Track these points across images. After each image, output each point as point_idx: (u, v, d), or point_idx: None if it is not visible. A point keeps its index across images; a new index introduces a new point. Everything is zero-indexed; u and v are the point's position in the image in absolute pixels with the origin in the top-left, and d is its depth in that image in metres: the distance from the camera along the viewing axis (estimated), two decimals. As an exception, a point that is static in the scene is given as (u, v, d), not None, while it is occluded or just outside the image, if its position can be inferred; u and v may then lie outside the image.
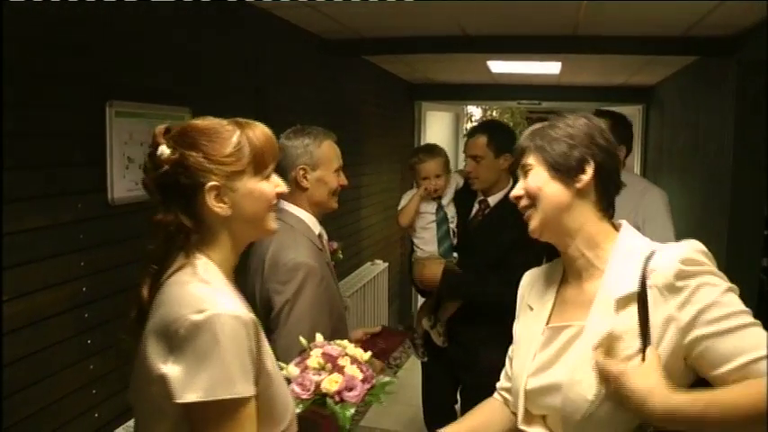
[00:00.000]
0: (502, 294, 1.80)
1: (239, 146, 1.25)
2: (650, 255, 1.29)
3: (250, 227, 1.30)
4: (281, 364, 1.41)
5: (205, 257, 1.23)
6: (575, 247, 1.40)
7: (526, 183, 1.42)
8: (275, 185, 1.31)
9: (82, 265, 2.04)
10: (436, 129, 6.75)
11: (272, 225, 1.33)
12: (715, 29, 3.25)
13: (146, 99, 2.30)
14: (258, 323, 1.17)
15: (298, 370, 1.47)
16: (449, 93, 6.42)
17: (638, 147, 6.10)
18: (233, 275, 1.30)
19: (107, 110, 2.10)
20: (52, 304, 1.94)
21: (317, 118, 3.61)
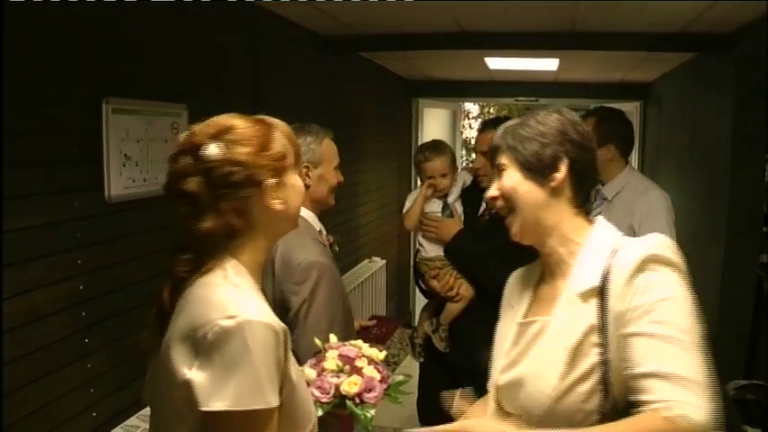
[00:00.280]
0: (502, 281, 1.78)
1: (283, 142, 1.24)
2: (617, 249, 1.29)
3: (289, 222, 1.29)
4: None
5: (235, 260, 1.19)
6: (550, 245, 1.40)
7: (500, 183, 1.41)
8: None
9: (79, 263, 2.03)
10: (433, 125, 6.74)
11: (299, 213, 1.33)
12: (713, 26, 3.25)
13: (143, 96, 2.29)
14: (288, 331, 1.14)
15: (314, 372, 1.46)
16: (446, 89, 6.40)
17: (635, 143, 6.10)
18: (260, 278, 1.27)
19: (104, 107, 2.09)
20: (49, 303, 1.92)
21: (314, 115, 3.59)
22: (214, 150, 1.16)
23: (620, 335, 1.22)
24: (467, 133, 10.55)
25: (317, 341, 1.58)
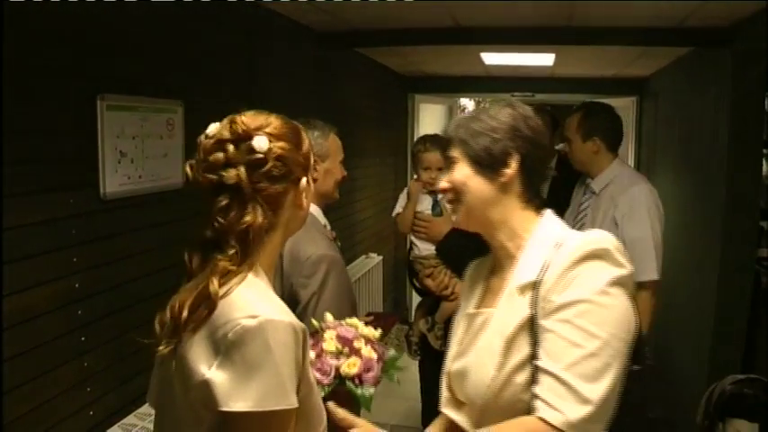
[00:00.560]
0: None
1: (308, 141, 1.23)
2: (561, 243, 1.29)
3: (301, 222, 1.28)
4: None
5: (257, 259, 1.18)
6: (498, 239, 1.41)
7: (451, 176, 1.42)
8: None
9: (75, 260, 2.02)
10: (429, 121, 6.74)
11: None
12: (710, 20, 3.24)
13: (138, 93, 2.27)
14: (306, 331, 1.13)
15: (313, 353, 1.46)
16: (442, 85, 6.40)
17: (631, 139, 6.10)
18: (272, 277, 1.25)
19: (98, 103, 2.07)
20: (45, 301, 1.91)
21: (310, 111, 3.57)
22: (263, 142, 1.14)
23: (539, 325, 1.24)
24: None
25: (313, 321, 1.58)
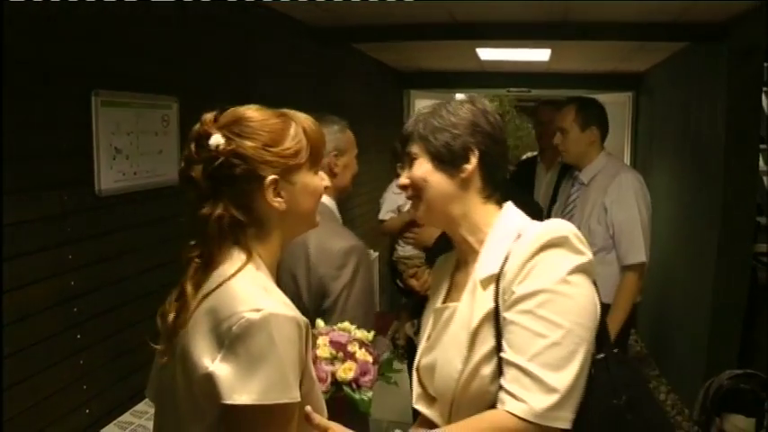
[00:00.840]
0: None
1: (297, 138, 1.20)
2: (521, 234, 1.29)
3: (301, 222, 1.26)
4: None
5: (255, 253, 1.17)
6: (460, 234, 1.41)
7: (411, 173, 1.41)
8: (321, 179, 1.27)
9: (70, 258, 2.00)
10: (425, 117, 6.74)
11: (317, 219, 1.30)
12: (706, 14, 3.24)
13: (132, 88, 2.26)
14: (309, 326, 1.13)
15: None
16: (438, 81, 6.40)
17: (627, 134, 6.11)
18: (275, 274, 1.24)
19: (93, 99, 2.06)
20: (40, 299, 1.90)
21: (305, 106, 3.55)
22: (217, 140, 1.15)
23: (502, 318, 1.24)
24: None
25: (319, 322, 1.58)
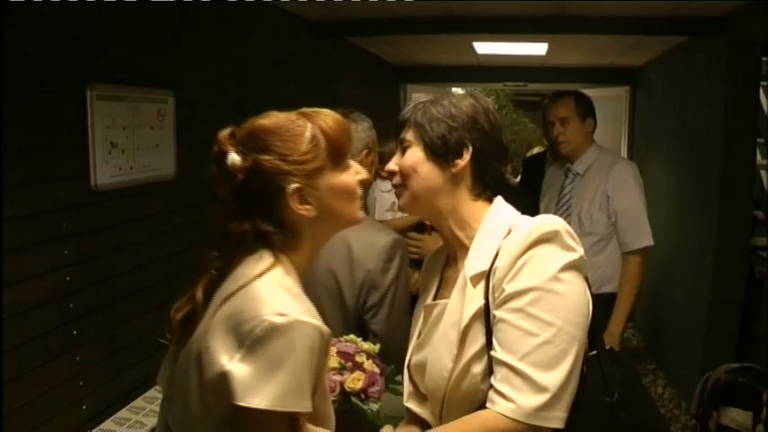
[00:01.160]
0: None
1: (314, 140, 1.17)
2: (511, 230, 1.27)
3: (336, 222, 1.24)
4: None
5: (286, 257, 1.16)
6: (448, 228, 1.38)
7: (401, 160, 1.38)
8: (356, 173, 1.24)
9: (66, 253, 1.99)
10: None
11: (359, 214, 1.26)
12: (703, 9, 3.23)
13: (128, 82, 2.24)
14: (330, 336, 1.12)
15: None
16: (435, 75, 6.38)
17: (624, 128, 6.11)
18: (304, 278, 1.22)
19: (88, 93, 2.04)
20: (36, 295, 1.89)
21: (302, 101, 3.54)
22: (233, 159, 1.15)
23: (493, 315, 1.22)
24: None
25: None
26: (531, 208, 3.08)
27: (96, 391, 2.12)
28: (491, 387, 1.19)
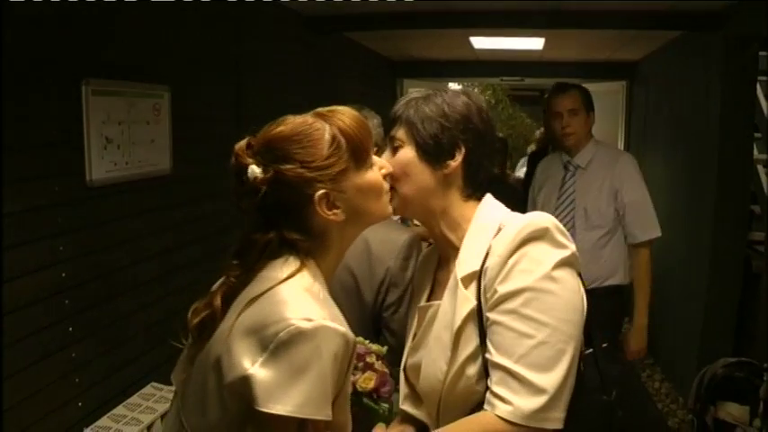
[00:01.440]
0: None
1: (335, 142, 1.14)
2: (501, 229, 1.25)
3: (366, 221, 1.22)
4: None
5: (314, 262, 1.14)
6: (438, 229, 1.36)
7: (393, 160, 1.34)
8: (380, 168, 1.22)
9: (61, 249, 1.98)
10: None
11: (389, 209, 1.25)
12: (701, 3, 3.23)
13: (124, 77, 2.23)
14: (356, 343, 1.10)
15: None
16: (431, 70, 6.37)
17: (621, 122, 6.11)
18: (330, 281, 1.21)
19: (83, 89, 2.03)
20: (31, 291, 1.88)
21: (298, 96, 3.54)
22: (254, 172, 1.11)
23: (486, 318, 1.20)
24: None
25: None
26: (521, 201, 3.09)
27: (92, 388, 2.11)
28: (488, 390, 1.17)
